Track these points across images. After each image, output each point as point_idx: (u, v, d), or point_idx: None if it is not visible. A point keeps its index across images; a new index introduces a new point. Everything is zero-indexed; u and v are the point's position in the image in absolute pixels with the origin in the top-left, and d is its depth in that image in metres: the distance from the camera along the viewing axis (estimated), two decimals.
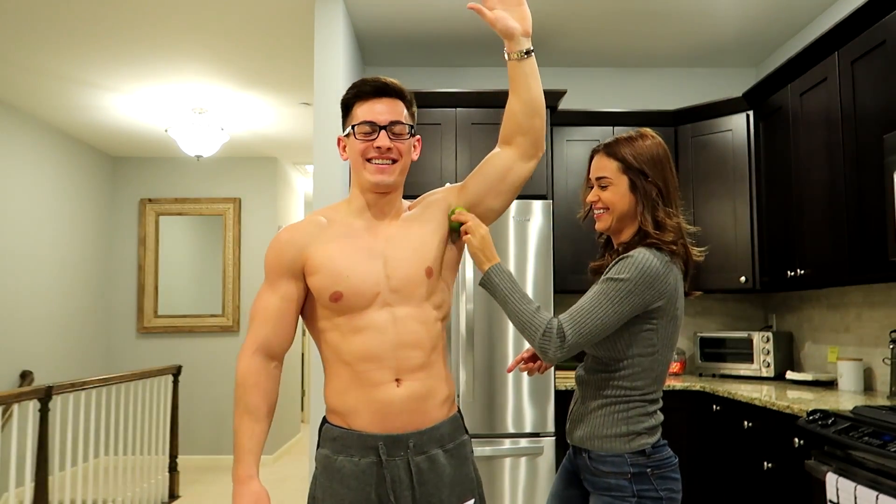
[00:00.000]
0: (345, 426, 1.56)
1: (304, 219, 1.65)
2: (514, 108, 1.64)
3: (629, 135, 1.79)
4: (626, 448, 1.68)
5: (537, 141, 1.65)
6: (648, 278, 1.63)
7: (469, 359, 3.35)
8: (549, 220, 3.45)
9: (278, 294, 1.58)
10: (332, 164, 3.45)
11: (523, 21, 1.62)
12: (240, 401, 1.56)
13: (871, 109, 2.69)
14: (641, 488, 1.66)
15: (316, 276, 1.55)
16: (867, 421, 2.15)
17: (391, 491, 1.50)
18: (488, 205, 1.69)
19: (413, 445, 1.53)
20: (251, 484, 1.52)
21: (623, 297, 1.62)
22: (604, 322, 1.62)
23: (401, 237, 1.61)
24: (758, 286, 3.68)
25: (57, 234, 5.75)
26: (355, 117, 1.60)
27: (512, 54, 1.61)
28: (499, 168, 1.66)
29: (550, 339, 1.64)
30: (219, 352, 6.55)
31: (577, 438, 1.77)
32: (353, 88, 1.62)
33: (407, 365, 1.55)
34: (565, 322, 1.64)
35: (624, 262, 1.65)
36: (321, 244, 1.57)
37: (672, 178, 1.77)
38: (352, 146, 1.61)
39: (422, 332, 1.57)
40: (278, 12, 3.67)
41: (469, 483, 1.60)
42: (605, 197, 1.77)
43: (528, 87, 1.61)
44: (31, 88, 4.80)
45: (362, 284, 1.54)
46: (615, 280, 1.64)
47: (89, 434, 4.36)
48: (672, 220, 1.72)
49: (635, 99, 4.44)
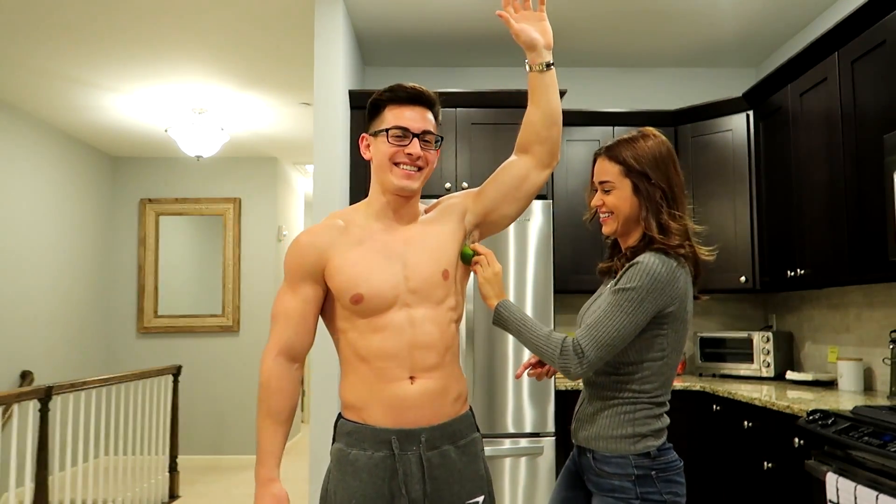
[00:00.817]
0: (359, 421, 1.59)
1: (322, 222, 1.67)
2: (533, 118, 1.69)
3: (631, 135, 1.77)
4: (630, 450, 1.67)
5: (554, 150, 1.71)
6: (659, 284, 1.62)
7: (469, 359, 3.35)
8: (550, 220, 3.45)
9: (299, 297, 1.60)
10: (333, 164, 3.45)
11: (545, 35, 1.67)
12: (263, 403, 1.59)
13: (871, 109, 2.69)
14: (645, 491, 1.65)
15: (337, 279, 1.58)
16: (867, 421, 2.15)
17: (403, 484, 1.53)
18: (503, 211, 1.73)
19: (425, 440, 1.56)
20: (272, 486, 1.56)
21: (636, 306, 1.62)
22: (620, 333, 1.62)
23: (419, 240, 1.64)
24: (758, 286, 3.67)
25: (57, 235, 5.75)
26: (386, 120, 1.62)
27: (534, 66, 1.66)
28: (515, 176, 1.71)
29: (569, 357, 1.63)
30: (219, 352, 6.55)
31: (582, 439, 1.77)
32: (389, 92, 1.64)
33: (421, 364, 1.58)
34: (583, 338, 1.64)
35: (633, 270, 1.64)
36: (341, 248, 1.60)
37: (677, 177, 1.75)
38: (380, 148, 1.63)
39: (437, 334, 1.61)
40: (278, 12, 3.67)
41: (479, 480, 1.63)
42: (608, 201, 1.75)
43: (549, 99, 1.67)
44: (31, 88, 4.80)
45: (382, 286, 1.57)
46: (626, 290, 1.63)
47: (89, 434, 4.36)
48: (677, 223, 1.70)
49: (635, 99, 4.44)
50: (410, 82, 1.67)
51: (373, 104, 1.66)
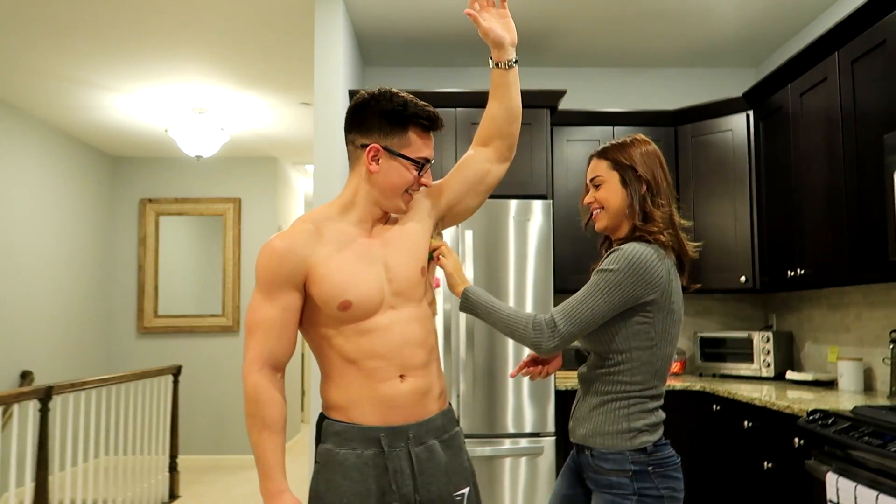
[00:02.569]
0: (346, 420, 1.59)
1: (294, 226, 1.60)
2: (494, 113, 1.74)
3: (622, 140, 1.87)
4: (627, 445, 1.70)
5: (513, 146, 1.78)
6: (638, 269, 1.67)
7: (469, 359, 3.35)
8: (549, 219, 3.46)
9: (278, 305, 1.55)
10: (333, 164, 3.45)
11: (510, 32, 1.70)
12: (255, 417, 1.54)
13: (871, 109, 2.69)
14: (642, 486, 1.67)
15: (321, 286, 1.54)
16: (867, 421, 2.15)
17: (393, 481, 1.54)
18: (466, 204, 1.78)
19: (412, 436, 1.58)
20: (284, 497, 1.53)
21: (613, 287, 1.68)
22: (594, 312, 1.68)
23: (396, 241, 1.65)
24: (758, 286, 3.67)
25: (57, 234, 5.75)
26: (413, 145, 1.60)
27: (500, 63, 1.71)
28: (478, 171, 1.76)
29: (541, 330, 1.70)
30: (219, 352, 6.55)
31: (579, 436, 1.80)
32: (423, 115, 1.60)
33: (411, 362, 1.60)
34: (557, 313, 1.71)
35: (614, 254, 1.71)
36: (322, 255, 1.56)
37: (662, 173, 1.82)
38: (400, 173, 1.60)
39: (422, 332, 1.63)
40: (278, 12, 3.67)
41: (464, 472, 1.66)
42: (599, 196, 1.84)
43: (511, 96, 1.72)
44: (31, 88, 4.80)
45: (369, 292, 1.56)
46: (605, 271, 1.70)
47: (89, 434, 4.36)
48: (660, 211, 1.77)
49: (635, 99, 4.44)
50: (407, 92, 1.63)
51: (394, 115, 1.58)
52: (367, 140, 1.60)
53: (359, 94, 1.64)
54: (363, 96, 1.62)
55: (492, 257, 3.41)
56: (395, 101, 1.59)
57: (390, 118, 1.59)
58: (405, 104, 1.59)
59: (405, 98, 1.60)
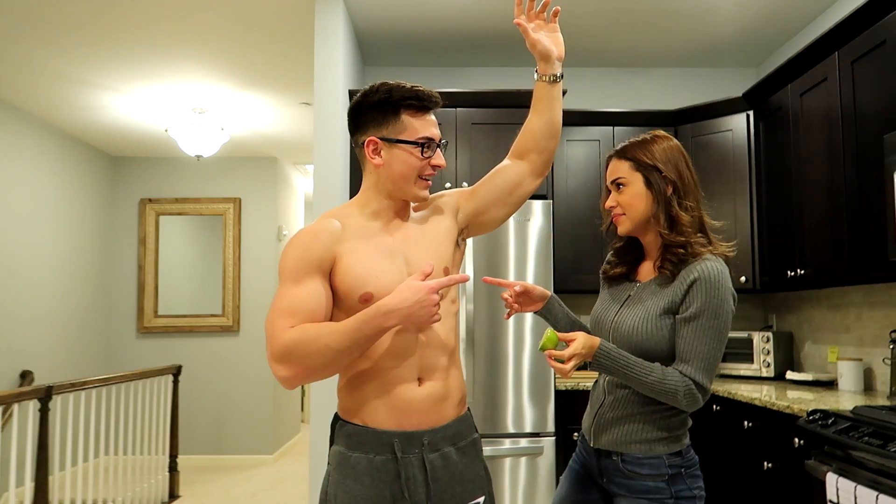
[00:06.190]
0: (360, 423, 1.56)
1: (318, 221, 1.59)
2: (534, 127, 1.70)
3: (643, 137, 1.79)
4: (665, 450, 1.68)
5: (549, 161, 1.73)
6: (731, 294, 1.66)
7: (469, 359, 3.35)
8: (550, 220, 3.45)
9: (307, 289, 1.49)
10: (333, 164, 3.45)
11: (559, 46, 1.69)
12: (311, 343, 1.43)
13: (871, 109, 2.69)
14: (678, 489, 1.67)
15: (345, 276, 1.52)
16: (867, 421, 2.15)
17: (405, 488, 1.51)
18: (493, 214, 1.74)
19: (427, 443, 1.55)
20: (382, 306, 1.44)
21: (726, 326, 1.65)
22: (720, 352, 1.66)
23: (417, 238, 1.62)
24: (758, 286, 3.67)
25: (57, 234, 5.75)
26: (409, 128, 1.56)
27: (545, 76, 1.68)
28: (509, 181, 1.71)
29: (694, 397, 1.63)
30: (219, 352, 6.54)
31: (605, 442, 1.74)
32: (410, 95, 1.56)
33: (430, 364, 1.57)
34: (695, 374, 1.62)
35: (707, 288, 1.63)
36: (346, 246, 1.54)
37: (688, 171, 1.75)
38: (403, 159, 1.57)
39: (443, 332, 1.59)
40: (278, 12, 3.67)
41: (480, 480, 1.62)
42: (621, 200, 1.75)
43: (552, 110, 1.70)
44: (31, 88, 4.80)
45: (390, 285, 1.51)
46: (712, 312, 1.63)
47: (89, 434, 4.36)
48: (689, 214, 1.70)
49: (635, 99, 4.44)
50: (408, 82, 1.61)
51: (383, 104, 1.56)
52: (365, 136, 1.60)
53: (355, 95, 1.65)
54: (356, 97, 1.63)
55: (492, 257, 3.41)
56: (381, 90, 1.57)
57: (380, 107, 1.57)
58: (390, 90, 1.56)
59: (391, 84, 1.57)
